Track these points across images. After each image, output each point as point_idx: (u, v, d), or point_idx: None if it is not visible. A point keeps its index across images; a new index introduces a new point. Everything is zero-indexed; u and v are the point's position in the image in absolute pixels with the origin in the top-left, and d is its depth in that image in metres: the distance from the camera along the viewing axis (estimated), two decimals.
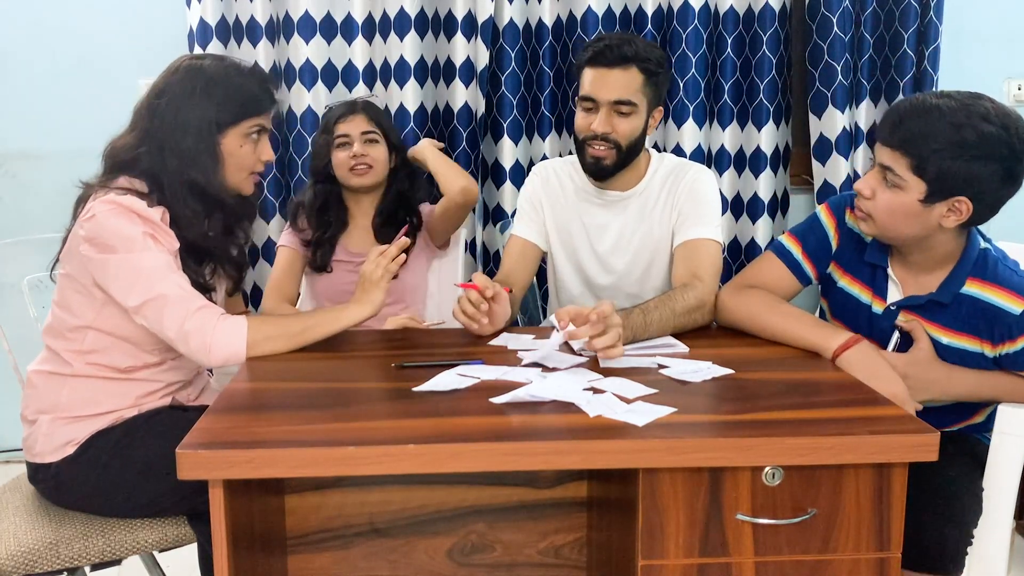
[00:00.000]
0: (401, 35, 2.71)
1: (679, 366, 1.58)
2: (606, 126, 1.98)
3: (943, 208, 1.55)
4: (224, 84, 1.67)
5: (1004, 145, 1.49)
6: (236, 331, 1.61)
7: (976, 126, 1.49)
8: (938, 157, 1.51)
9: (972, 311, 1.62)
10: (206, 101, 1.65)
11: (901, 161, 1.55)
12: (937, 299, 1.64)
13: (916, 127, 1.52)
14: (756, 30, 2.73)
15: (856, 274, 1.76)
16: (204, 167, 1.67)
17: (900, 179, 1.55)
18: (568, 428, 1.31)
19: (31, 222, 2.88)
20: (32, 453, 1.69)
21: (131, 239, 1.59)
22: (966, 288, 1.62)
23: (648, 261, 2.12)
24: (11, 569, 1.57)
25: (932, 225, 1.58)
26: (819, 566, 1.32)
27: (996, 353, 1.62)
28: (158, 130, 1.66)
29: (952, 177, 1.51)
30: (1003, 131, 1.49)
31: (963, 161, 1.50)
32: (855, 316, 1.74)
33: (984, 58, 2.89)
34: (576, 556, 1.79)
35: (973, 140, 1.49)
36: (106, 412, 1.68)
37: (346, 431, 1.30)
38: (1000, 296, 1.60)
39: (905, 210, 1.57)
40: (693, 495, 1.29)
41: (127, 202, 1.60)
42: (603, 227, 2.13)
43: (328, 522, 1.75)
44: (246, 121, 1.70)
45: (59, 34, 2.89)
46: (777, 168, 2.82)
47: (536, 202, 2.17)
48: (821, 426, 1.31)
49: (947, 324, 1.65)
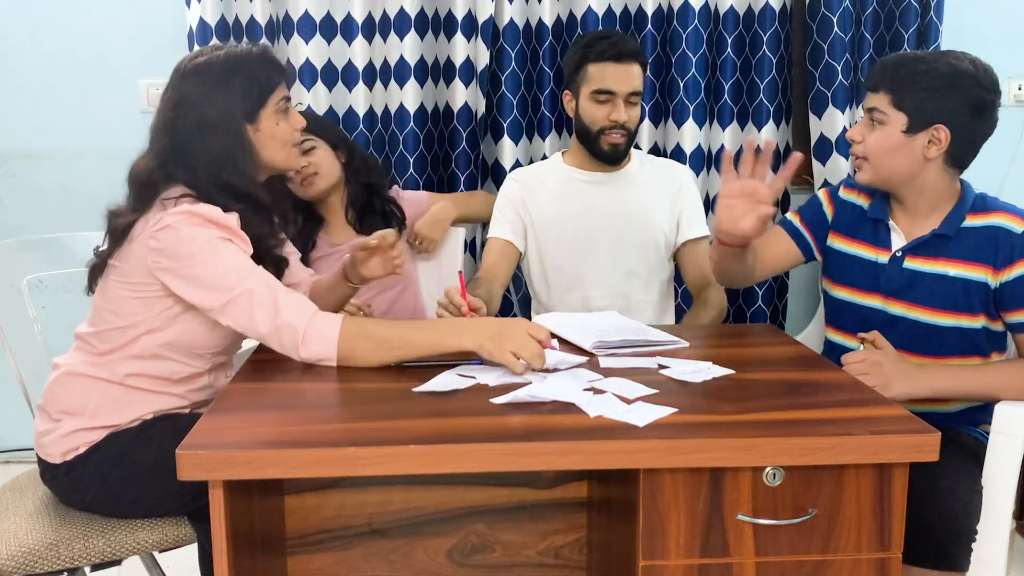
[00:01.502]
0: (401, 35, 2.71)
1: (679, 366, 1.58)
2: (626, 116, 2.18)
3: (924, 138, 1.70)
4: (236, 73, 1.64)
5: (971, 78, 1.68)
6: (330, 328, 1.57)
7: (948, 61, 1.69)
8: (914, 88, 1.69)
9: (976, 239, 1.73)
10: (226, 95, 1.63)
11: (884, 99, 1.72)
12: (942, 232, 1.74)
13: (897, 68, 1.72)
14: (756, 30, 2.73)
15: (856, 235, 1.86)
16: (237, 164, 1.64)
17: (883, 114, 1.72)
18: (568, 428, 1.31)
19: (31, 222, 2.90)
20: (45, 451, 1.68)
21: (208, 242, 1.57)
22: (968, 222, 1.74)
23: (642, 233, 2.27)
24: (11, 569, 1.57)
25: (918, 156, 1.71)
26: (820, 566, 1.32)
27: (998, 281, 1.70)
28: (183, 142, 1.63)
29: (928, 106, 1.68)
30: (971, 66, 1.69)
31: (936, 92, 1.68)
32: (862, 275, 1.83)
33: (984, 58, 2.88)
34: (576, 557, 1.79)
35: (944, 71, 1.67)
36: (130, 421, 1.67)
37: (346, 431, 1.30)
38: (1002, 218, 1.72)
39: (891, 143, 1.72)
40: (694, 495, 1.29)
41: (202, 210, 1.58)
42: (595, 204, 2.28)
43: (328, 523, 1.75)
44: (271, 98, 1.68)
45: (59, 34, 2.89)
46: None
47: (516, 202, 2.31)
48: (822, 426, 1.31)
49: (952, 255, 1.75)
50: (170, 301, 1.64)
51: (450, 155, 2.81)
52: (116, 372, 1.67)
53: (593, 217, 2.27)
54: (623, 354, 1.67)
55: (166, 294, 1.63)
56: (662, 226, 2.29)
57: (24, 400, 1.96)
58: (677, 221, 2.31)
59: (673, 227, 2.31)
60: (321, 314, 1.59)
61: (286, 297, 1.58)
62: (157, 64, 2.89)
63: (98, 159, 2.94)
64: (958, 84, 1.67)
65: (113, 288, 1.67)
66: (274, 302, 1.57)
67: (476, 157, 2.80)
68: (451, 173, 2.82)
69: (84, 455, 1.65)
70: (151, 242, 1.59)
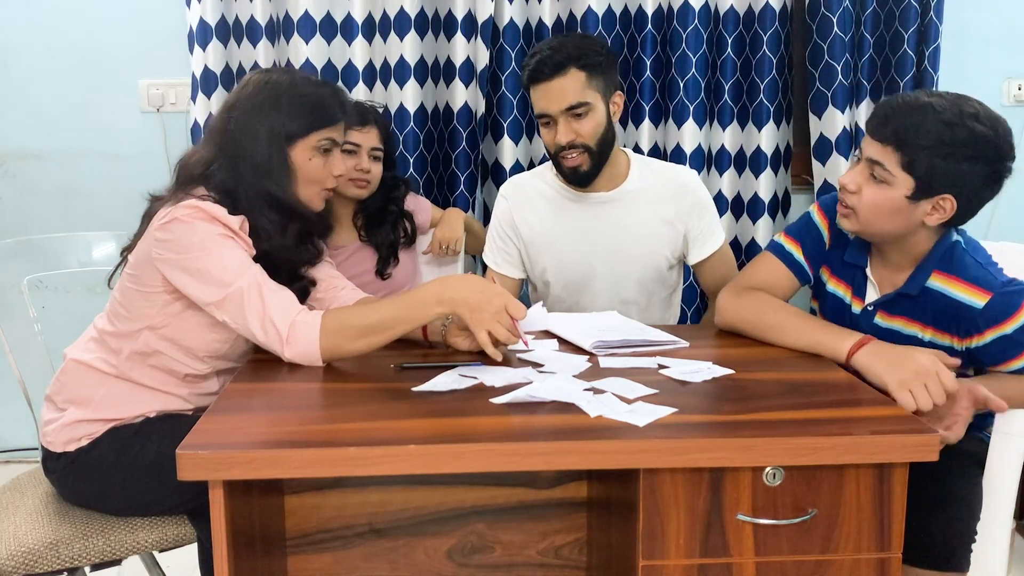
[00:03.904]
0: (401, 35, 2.71)
1: (679, 366, 1.58)
2: (569, 135, 1.99)
3: (928, 206, 1.56)
4: (292, 94, 1.66)
5: (992, 146, 1.52)
6: (311, 327, 1.56)
7: (968, 125, 1.50)
8: (929, 154, 1.52)
9: (938, 305, 1.62)
10: (275, 111, 1.64)
11: (891, 156, 1.55)
12: (905, 292, 1.64)
13: (909, 123, 1.53)
14: (756, 30, 2.73)
15: (840, 275, 1.76)
16: (278, 178, 1.65)
17: (889, 174, 1.56)
18: (568, 428, 1.31)
19: (31, 222, 2.90)
20: (47, 440, 1.70)
21: (209, 237, 1.58)
22: (931, 281, 1.63)
23: (640, 260, 2.12)
24: (11, 569, 1.57)
25: (915, 222, 1.59)
26: (820, 566, 1.32)
27: (963, 347, 1.61)
28: (231, 143, 1.65)
29: (941, 175, 1.52)
30: (992, 132, 1.51)
31: (953, 160, 1.51)
32: (840, 317, 1.74)
33: (984, 58, 2.90)
34: (576, 556, 1.79)
35: (964, 139, 1.50)
36: (132, 417, 1.68)
37: (346, 431, 1.30)
38: (963, 291, 1.59)
39: (891, 206, 1.57)
40: (694, 495, 1.29)
41: (208, 207, 1.59)
42: (589, 230, 2.12)
43: (328, 523, 1.75)
44: (315, 133, 1.67)
45: (59, 34, 2.89)
46: (777, 168, 2.82)
47: (507, 227, 2.18)
48: (822, 426, 1.31)
49: (919, 319, 1.65)
50: (170, 297, 1.64)
51: (450, 155, 2.81)
52: (122, 366, 1.68)
53: (587, 245, 2.11)
54: (623, 354, 1.67)
55: (167, 290, 1.63)
56: (663, 250, 2.12)
57: (24, 400, 1.95)
58: (684, 238, 2.13)
59: (677, 246, 2.14)
60: (305, 313, 1.59)
61: (273, 297, 1.58)
62: (157, 64, 2.91)
63: (98, 159, 2.94)
64: (977, 153, 1.51)
65: (124, 281, 1.69)
66: (262, 301, 1.57)
67: (476, 157, 2.80)
68: (451, 173, 2.83)
69: (86, 448, 1.65)
70: (157, 233, 1.60)
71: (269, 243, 1.66)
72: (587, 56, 1.97)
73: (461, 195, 2.81)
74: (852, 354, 1.57)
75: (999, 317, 1.56)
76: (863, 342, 1.58)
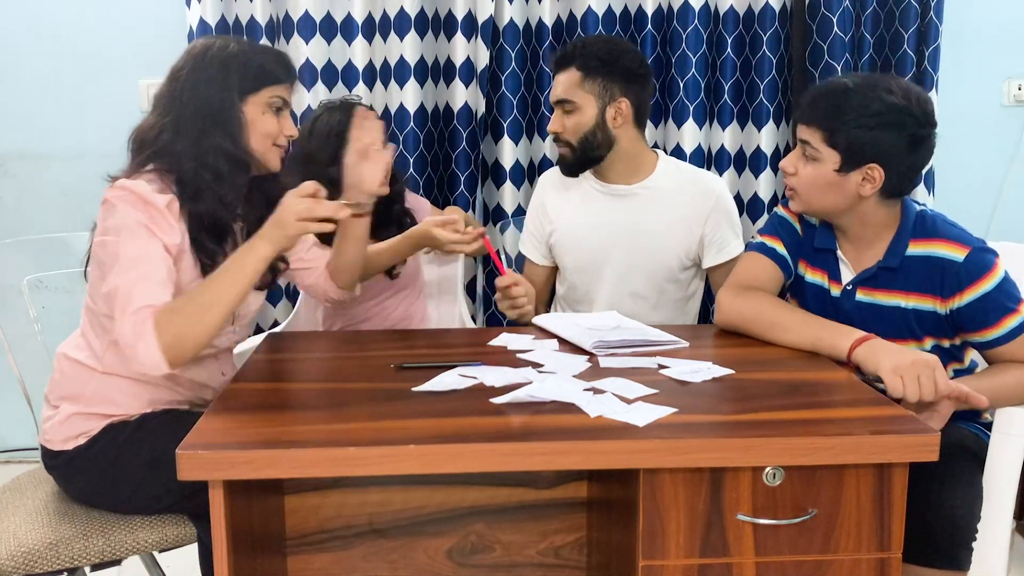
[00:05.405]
0: (401, 35, 2.71)
1: (679, 366, 1.58)
2: (555, 126, 2.13)
3: (857, 177, 1.65)
4: (241, 56, 1.68)
5: (905, 114, 1.61)
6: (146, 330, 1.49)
7: (880, 97, 1.62)
8: (847, 127, 1.63)
9: (921, 269, 1.68)
10: (225, 72, 1.66)
11: (816, 134, 1.66)
12: (885, 265, 1.70)
13: (828, 102, 1.66)
14: (756, 30, 2.73)
15: (814, 263, 1.81)
16: (230, 130, 1.66)
17: (816, 151, 1.67)
18: (568, 428, 1.31)
19: (31, 222, 2.90)
20: (46, 437, 1.70)
21: (124, 225, 1.57)
22: (911, 249, 1.69)
23: (651, 255, 2.16)
24: (11, 569, 1.57)
25: (851, 194, 1.67)
26: (820, 566, 1.32)
27: (947, 309, 1.67)
28: (179, 105, 1.66)
29: (861, 145, 1.63)
30: (904, 101, 1.62)
31: (869, 130, 1.62)
32: (821, 304, 1.78)
33: (984, 58, 2.89)
34: (576, 556, 1.79)
35: (877, 109, 1.61)
36: (126, 413, 1.68)
37: (346, 431, 1.30)
38: (943, 247, 1.67)
39: (824, 181, 1.67)
40: (694, 495, 1.29)
41: (135, 187, 1.60)
42: (608, 219, 2.17)
43: (328, 523, 1.75)
44: (266, 89, 1.69)
45: (59, 34, 2.89)
46: (777, 168, 2.82)
47: (540, 212, 2.26)
48: (821, 426, 1.31)
49: (902, 288, 1.70)
50: None
51: (450, 155, 2.81)
52: (105, 359, 1.67)
53: (605, 233, 2.17)
54: (623, 354, 1.67)
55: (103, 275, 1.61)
56: (676, 249, 2.15)
57: (24, 400, 1.96)
58: (700, 242, 2.16)
59: (693, 249, 2.16)
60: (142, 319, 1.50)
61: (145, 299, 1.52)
62: (157, 64, 2.85)
63: (98, 159, 2.89)
64: (891, 121, 1.61)
65: (92, 275, 1.69)
66: (131, 302, 1.51)
67: (476, 157, 2.80)
68: (451, 173, 2.82)
69: (84, 446, 1.66)
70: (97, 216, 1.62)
71: (211, 199, 1.64)
72: (589, 58, 2.07)
73: (461, 195, 2.81)
74: (853, 349, 1.59)
75: (977, 273, 1.64)
76: (865, 338, 1.59)
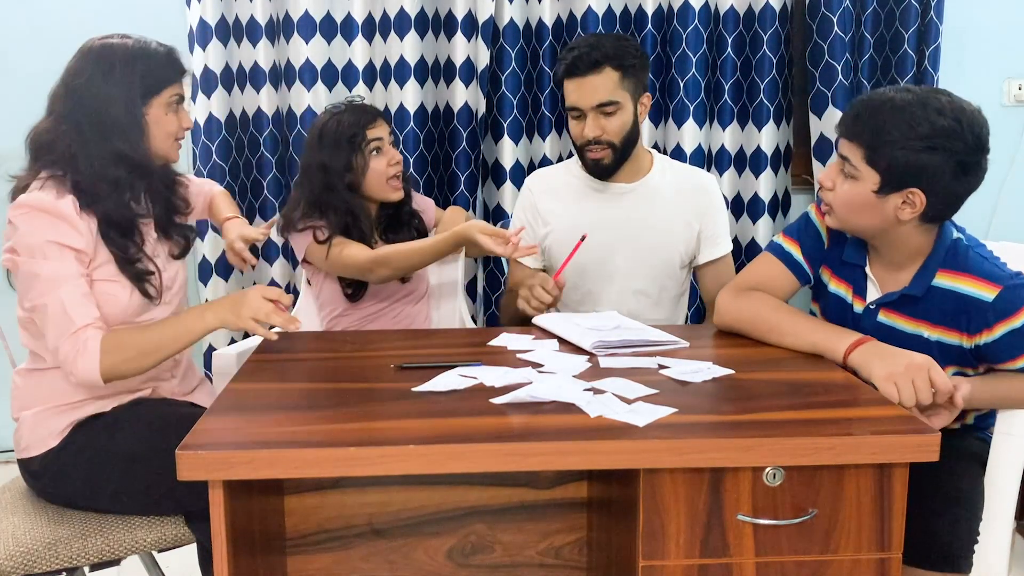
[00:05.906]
0: (401, 35, 2.71)
1: (679, 366, 1.58)
2: (596, 130, 2.07)
3: (897, 200, 1.55)
4: (141, 59, 1.72)
5: (956, 138, 1.50)
6: (91, 351, 1.59)
7: (929, 118, 1.50)
8: (889, 148, 1.52)
9: (947, 303, 1.61)
10: (128, 75, 1.69)
11: (857, 152, 1.56)
12: (910, 292, 1.63)
13: (872, 119, 1.55)
14: (756, 30, 2.73)
15: (841, 275, 1.75)
16: (131, 135, 1.69)
17: (855, 169, 1.57)
18: (569, 428, 1.30)
19: None
20: (19, 448, 1.72)
21: (32, 247, 1.61)
22: (938, 280, 1.61)
23: (655, 251, 2.17)
24: (10, 569, 1.57)
25: (889, 217, 1.58)
26: (820, 566, 1.32)
27: (972, 344, 1.60)
28: (78, 108, 1.68)
29: (903, 168, 1.52)
30: (955, 124, 1.50)
31: (913, 152, 1.51)
32: (842, 316, 1.73)
33: (984, 58, 2.89)
34: (576, 557, 1.78)
35: (925, 132, 1.50)
36: (83, 400, 1.70)
37: (346, 431, 1.30)
38: (973, 285, 1.58)
39: (861, 201, 1.58)
40: (694, 495, 1.29)
41: (35, 201, 1.62)
42: (610, 218, 2.17)
43: (328, 523, 1.74)
44: (168, 89, 1.74)
45: (59, 34, 2.88)
46: (778, 168, 2.82)
47: (532, 215, 2.23)
48: (822, 426, 1.31)
49: (925, 318, 1.63)
50: None
51: (450, 155, 2.81)
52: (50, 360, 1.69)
53: (606, 233, 2.15)
54: (623, 354, 1.67)
55: None
56: (677, 246, 2.18)
57: None
58: (697, 238, 2.18)
59: (691, 244, 2.19)
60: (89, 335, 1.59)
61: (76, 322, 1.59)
62: None
63: None
64: (939, 146, 1.49)
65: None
66: (62, 326, 1.59)
67: (476, 157, 2.80)
68: (451, 173, 2.83)
69: (58, 447, 1.67)
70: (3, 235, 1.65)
71: (111, 201, 1.68)
72: (623, 57, 2.04)
73: (461, 195, 2.81)
74: (848, 353, 1.58)
75: (1009, 310, 1.55)
76: (860, 341, 1.58)
